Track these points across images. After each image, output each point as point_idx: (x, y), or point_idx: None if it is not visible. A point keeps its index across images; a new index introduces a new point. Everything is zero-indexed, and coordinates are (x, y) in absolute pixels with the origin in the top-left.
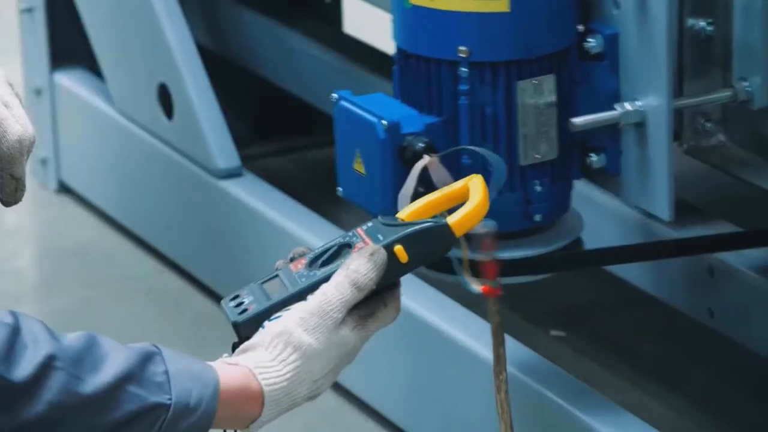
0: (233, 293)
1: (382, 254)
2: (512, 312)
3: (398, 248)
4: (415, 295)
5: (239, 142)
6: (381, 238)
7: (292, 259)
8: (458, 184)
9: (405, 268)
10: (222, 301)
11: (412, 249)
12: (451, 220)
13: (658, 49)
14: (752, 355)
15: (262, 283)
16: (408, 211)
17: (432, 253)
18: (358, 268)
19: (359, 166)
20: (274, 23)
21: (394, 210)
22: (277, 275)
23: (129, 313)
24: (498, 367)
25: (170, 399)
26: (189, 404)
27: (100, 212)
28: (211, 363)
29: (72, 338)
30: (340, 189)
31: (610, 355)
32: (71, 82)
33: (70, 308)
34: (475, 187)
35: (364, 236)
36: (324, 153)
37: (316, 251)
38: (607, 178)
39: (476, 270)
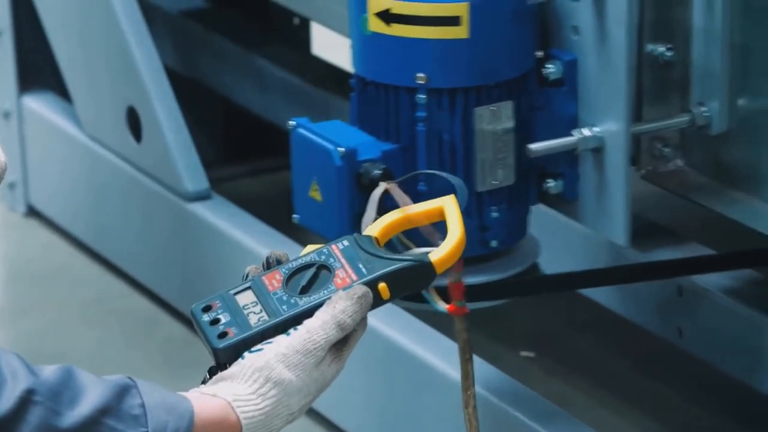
0: (204, 301)
1: (370, 298)
2: (481, 333)
3: (382, 286)
4: (386, 318)
5: (208, 164)
6: (363, 269)
7: (265, 265)
8: (432, 204)
9: (384, 302)
10: (193, 308)
11: (395, 285)
12: (434, 257)
13: (618, 74)
14: (720, 374)
15: (235, 294)
16: (379, 227)
17: (412, 288)
18: (345, 310)
19: (316, 194)
20: (242, 46)
21: None
22: (249, 287)
23: (98, 336)
24: (466, 382)
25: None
26: None
27: (69, 235)
28: (188, 393)
29: (49, 372)
30: (296, 216)
31: (579, 375)
32: (39, 105)
33: (39, 331)
34: (451, 214)
35: (343, 261)
36: None
37: (292, 266)
38: (565, 204)
39: (442, 290)
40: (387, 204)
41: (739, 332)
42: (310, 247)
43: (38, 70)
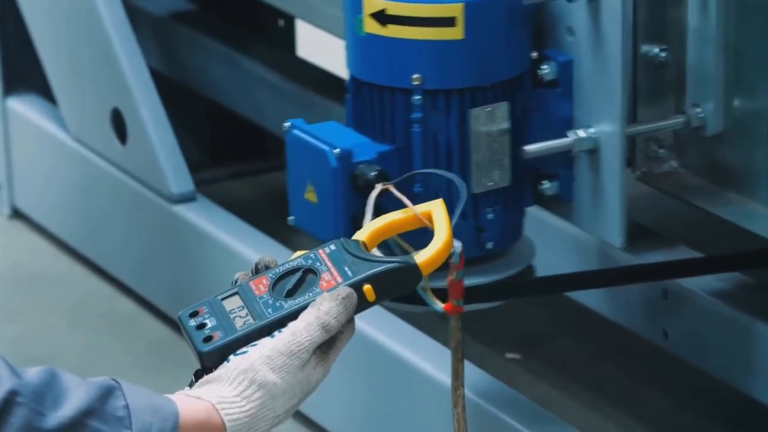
0: (191, 307)
1: (354, 299)
2: (468, 334)
3: (367, 288)
4: (372, 321)
5: (193, 166)
6: (348, 272)
7: (254, 271)
8: (420, 208)
9: (370, 305)
10: (180, 314)
11: (380, 287)
12: (420, 259)
13: (612, 75)
14: (706, 376)
15: (222, 299)
16: (367, 231)
17: (398, 290)
18: (329, 311)
19: (311, 195)
20: (228, 47)
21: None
22: (236, 292)
23: (84, 338)
24: (456, 382)
25: None
26: None
27: (54, 237)
28: (172, 396)
29: (33, 373)
30: (291, 217)
31: (565, 377)
32: (24, 107)
33: (24, 334)
34: (438, 217)
35: (330, 264)
36: (277, 177)
37: (278, 271)
38: (560, 205)
39: (437, 290)
40: (384, 205)
41: (724, 334)
42: (298, 253)
43: (23, 72)
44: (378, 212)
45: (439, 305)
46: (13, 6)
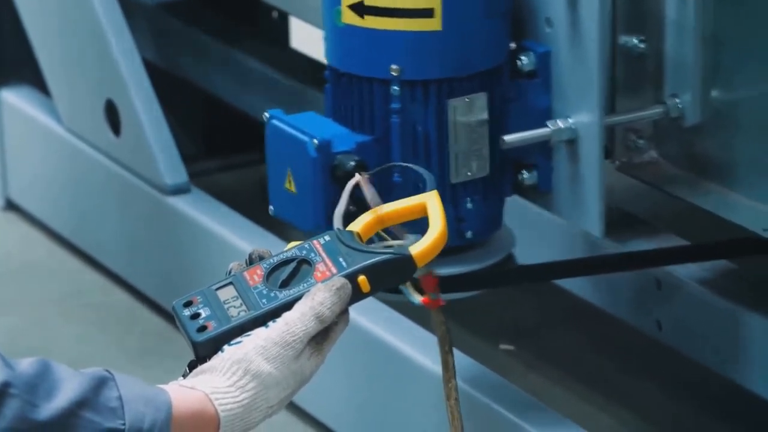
0: (185, 297)
1: (348, 289)
2: (461, 326)
3: (362, 279)
4: (365, 311)
5: (187, 158)
6: (343, 263)
7: (248, 261)
8: (415, 200)
9: (364, 296)
10: (174, 304)
11: (375, 279)
12: (414, 251)
13: (591, 66)
14: (700, 368)
15: (216, 289)
16: (361, 223)
17: (392, 281)
18: (323, 301)
19: (290, 185)
20: (221, 39)
21: (325, 228)
22: (231, 282)
23: (77, 331)
24: (447, 374)
25: (124, 424)
26: (142, 429)
27: (48, 229)
28: (166, 386)
29: (25, 364)
30: (271, 207)
31: (558, 368)
32: (18, 99)
33: (17, 326)
34: (433, 208)
35: (324, 255)
36: None
37: (273, 261)
38: (539, 195)
39: (416, 283)
40: (359, 195)
41: (718, 325)
42: (292, 244)
43: (17, 63)
44: (354, 202)
45: (418, 299)
46: None
